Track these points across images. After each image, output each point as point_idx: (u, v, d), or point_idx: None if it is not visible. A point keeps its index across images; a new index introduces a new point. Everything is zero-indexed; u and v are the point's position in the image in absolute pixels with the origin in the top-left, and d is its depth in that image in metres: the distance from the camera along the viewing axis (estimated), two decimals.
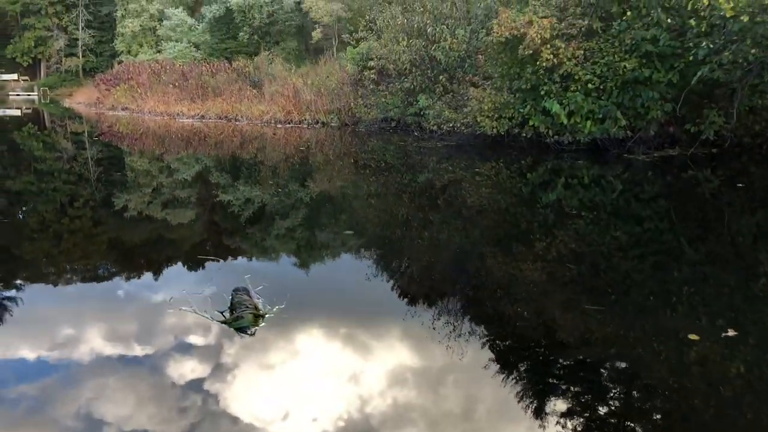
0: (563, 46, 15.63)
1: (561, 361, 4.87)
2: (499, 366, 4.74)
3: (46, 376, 4.63)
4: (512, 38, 16.06)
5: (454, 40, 19.56)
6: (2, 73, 62.67)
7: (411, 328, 5.57)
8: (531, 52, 15.66)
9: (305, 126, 25.84)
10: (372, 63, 22.73)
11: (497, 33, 16.24)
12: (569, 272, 7.01)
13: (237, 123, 27.73)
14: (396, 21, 22.44)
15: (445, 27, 20.36)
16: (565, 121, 15.92)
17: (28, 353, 5.03)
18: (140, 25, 55.47)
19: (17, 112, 42.94)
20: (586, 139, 16.15)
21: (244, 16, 50.04)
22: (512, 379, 4.53)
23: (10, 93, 59.97)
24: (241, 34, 50.14)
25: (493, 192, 13.08)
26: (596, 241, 8.71)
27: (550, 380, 4.57)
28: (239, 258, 8.39)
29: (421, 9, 21.90)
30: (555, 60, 15.64)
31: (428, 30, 20.73)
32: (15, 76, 63.34)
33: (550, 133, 16.45)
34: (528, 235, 9.15)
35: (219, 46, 50.33)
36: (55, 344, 5.19)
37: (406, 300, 6.44)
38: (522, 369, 4.75)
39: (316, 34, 48.06)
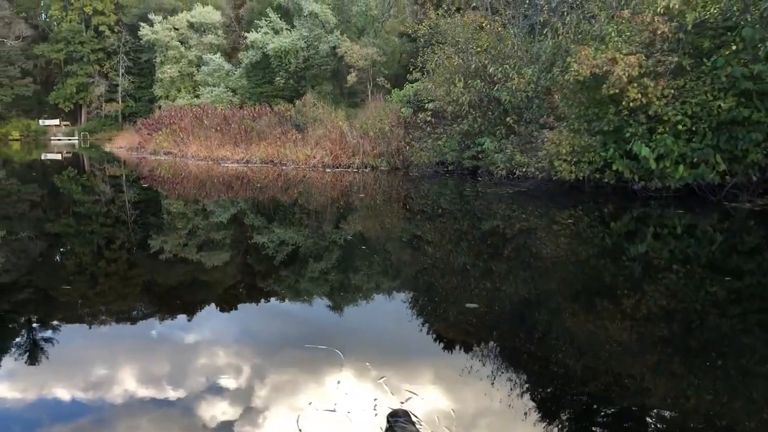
0: (652, 84, 13.95)
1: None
2: None
3: (80, 417, 4.51)
4: (593, 77, 14.43)
5: (521, 80, 17.94)
6: (45, 118, 62.45)
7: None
8: (616, 91, 14.00)
9: (354, 170, 24.28)
10: (429, 105, 21.17)
11: (576, 71, 14.62)
12: (660, 331, 6.20)
13: (282, 167, 26.24)
14: (451, 62, 20.93)
15: (507, 66, 18.78)
16: (654, 166, 14.15)
17: (63, 394, 4.93)
18: (179, 71, 54.98)
19: (58, 156, 42.18)
20: (676, 185, 14.35)
21: (281, 61, 49.24)
22: None
23: (52, 138, 59.59)
24: (277, 78, 49.25)
25: (572, 242, 11.31)
26: (691, 297, 7.61)
27: None
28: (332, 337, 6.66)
29: (478, 49, 20.39)
30: (643, 100, 13.96)
31: (489, 70, 19.16)
32: (57, 122, 63.12)
33: (636, 178, 14.67)
34: (612, 290, 7.94)
35: (255, 90, 49.48)
36: (89, 385, 5.06)
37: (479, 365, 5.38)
38: None
39: (351, 78, 47.13)
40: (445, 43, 22.08)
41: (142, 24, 56.22)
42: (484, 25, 21.08)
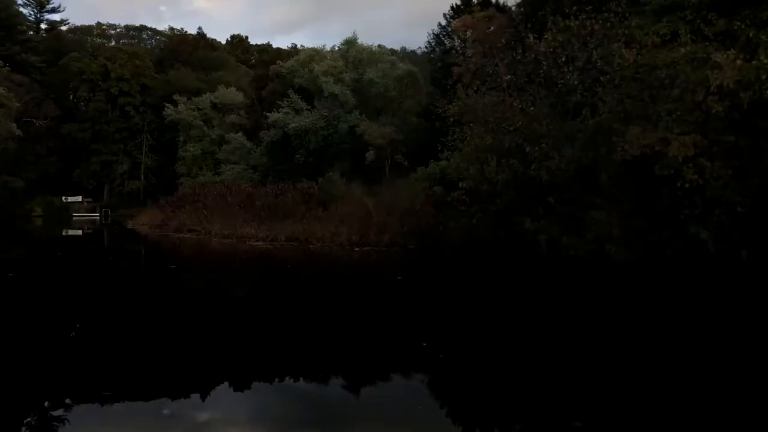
0: (708, 165, 13.11)
1: None
2: None
3: None
4: (644, 157, 13.62)
5: (562, 159, 17.16)
6: (68, 195, 62.35)
7: None
8: (671, 171, 13.15)
9: (383, 248, 23.28)
10: (463, 184, 20.36)
11: (624, 151, 13.83)
12: None
13: (309, 245, 25.31)
14: (483, 140, 20.29)
15: (544, 145, 18.07)
16: (713, 249, 13.14)
17: None
18: (201, 149, 55.07)
19: (79, 232, 41.66)
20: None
21: (301, 140, 49.27)
22: None
23: (74, 214, 59.28)
24: (297, 156, 49.15)
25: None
26: None
27: None
28: None
29: (512, 128, 19.77)
30: (699, 180, 13.09)
31: (526, 149, 18.43)
32: (80, 198, 62.97)
33: (693, 259, 13.65)
34: None
35: (276, 167, 49.31)
36: None
37: None
38: None
39: (370, 156, 46.98)
40: (475, 122, 21.54)
41: (166, 104, 56.80)
42: (514, 104, 20.57)
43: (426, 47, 48.68)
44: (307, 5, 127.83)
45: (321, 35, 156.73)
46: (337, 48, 53.82)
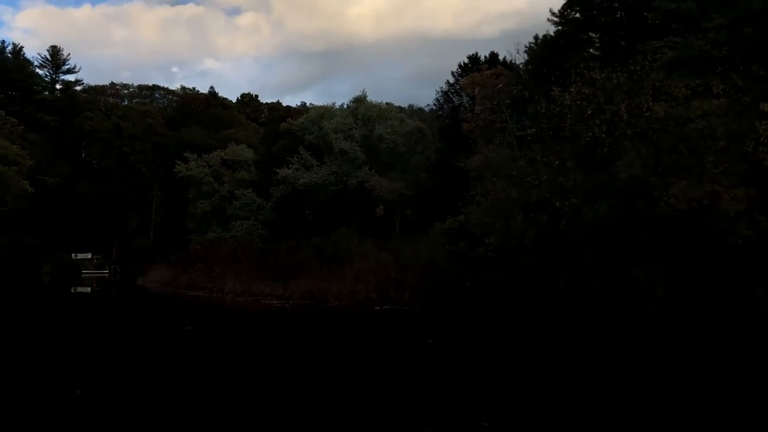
0: (763, 219, 12.11)
1: None
2: None
3: None
4: (690, 212, 12.63)
5: (594, 214, 16.15)
6: (78, 252, 61.34)
7: None
8: (724, 227, 12.14)
9: (404, 307, 22.00)
10: (489, 240, 19.29)
11: (670, 206, 12.85)
12: None
13: (326, 304, 24.10)
14: (509, 195, 19.36)
15: (574, 200, 17.11)
16: None
17: None
18: (211, 206, 54.30)
19: (87, 289, 40.51)
20: None
21: (311, 195, 48.61)
22: None
23: (84, 271, 58.14)
24: (307, 212, 48.38)
25: None
26: None
27: None
28: None
29: (536, 182, 18.87)
30: (754, 236, 12.06)
31: (555, 204, 17.47)
32: (89, 255, 61.93)
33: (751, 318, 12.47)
34: None
35: (286, 223, 48.43)
36: None
37: None
38: None
39: (380, 211, 46.23)
40: (497, 175, 20.68)
41: (177, 162, 56.37)
42: (538, 158, 19.77)
43: (434, 104, 48.44)
44: (316, 65, 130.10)
45: (329, 93, 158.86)
46: (346, 105, 53.75)
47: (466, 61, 45.26)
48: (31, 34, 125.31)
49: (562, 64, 36.09)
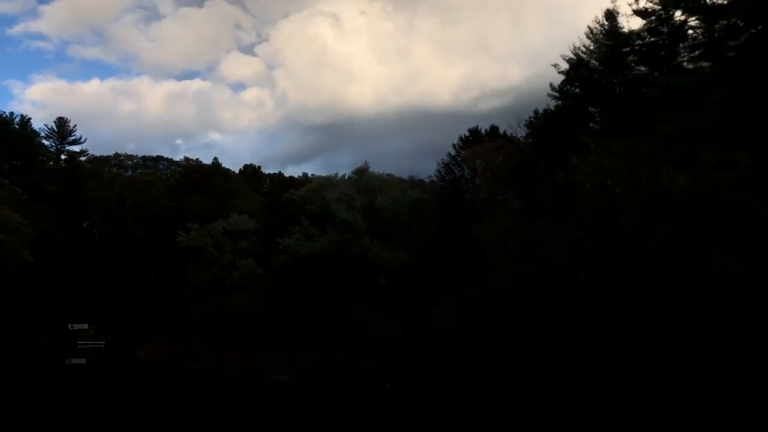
0: None
1: None
2: None
3: None
4: (734, 281, 11.77)
5: (624, 285, 15.27)
6: (75, 322, 59.35)
7: None
8: None
9: (419, 380, 20.62)
10: (513, 312, 18.29)
11: (710, 275, 11.98)
12: None
13: (336, 379, 22.69)
14: (529, 265, 18.47)
15: (599, 271, 16.22)
16: None
17: None
18: (211, 275, 53.08)
19: (83, 360, 38.86)
20: None
21: (313, 265, 47.65)
22: None
23: (80, 342, 56.08)
24: (308, 282, 47.28)
25: None
26: None
27: None
28: None
29: (558, 253, 18.04)
30: None
31: (581, 276, 16.58)
32: (85, 326, 59.88)
33: None
34: None
35: (287, 293, 47.17)
36: None
37: None
38: None
39: (381, 280, 45.28)
40: (515, 245, 19.86)
41: (179, 231, 55.51)
42: (553, 227, 19.02)
43: (435, 175, 48.25)
44: (318, 137, 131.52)
45: (330, 165, 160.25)
46: (348, 176, 53.51)
47: (467, 134, 45.46)
48: (40, 107, 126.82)
49: (564, 137, 36.29)
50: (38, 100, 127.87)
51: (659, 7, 31.58)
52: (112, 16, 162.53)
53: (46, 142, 69.75)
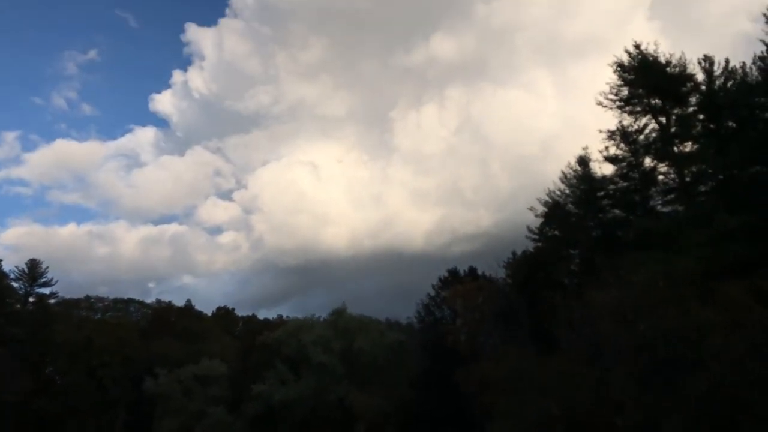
0: None
1: None
2: None
3: None
4: None
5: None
6: None
7: None
8: None
9: None
10: None
11: None
12: None
13: None
14: (550, 411, 16.12)
15: (637, 417, 13.99)
16: None
17: None
18: (179, 424, 47.92)
19: None
20: None
21: (287, 412, 43.65)
22: None
23: None
24: (281, 428, 43.07)
25: None
26: None
27: None
28: None
29: (579, 396, 15.81)
30: None
31: (617, 422, 14.27)
32: None
33: None
34: None
35: None
36: None
37: None
38: None
39: (359, 429, 41.49)
40: (530, 387, 17.56)
41: (147, 377, 50.86)
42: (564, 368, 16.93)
43: (415, 316, 46.08)
44: (292, 280, 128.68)
45: (304, 307, 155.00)
46: (324, 318, 50.74)
47: (446, 274, 44.12)
48: (13, 250, 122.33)
49: (544, 277, 35.19)
50: (12, 244, 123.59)
51: (629, 154, 32.15)
52: (94, 164, 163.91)
53: (14, 284, 65.63)
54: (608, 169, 33.12)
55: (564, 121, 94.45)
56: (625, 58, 29.99)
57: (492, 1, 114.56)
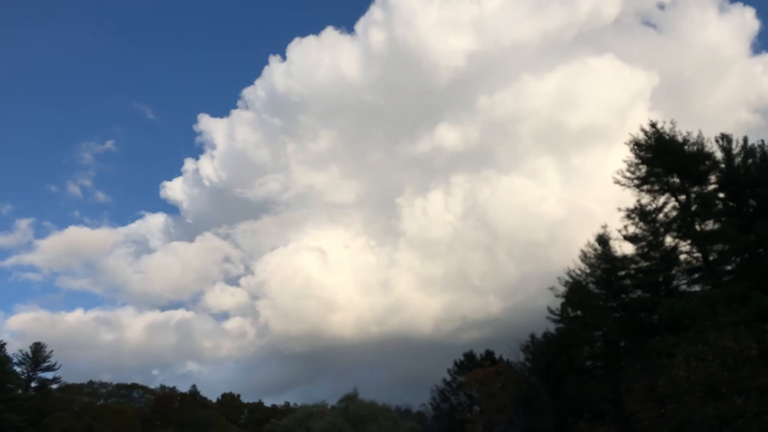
0: None
1: None
2: None
3: None
4: None
5: None
6: None
7: None
8: None
9: None
10: None
11: None
12: None
13: None
14: None
15: None
16: None
17: None
18: None
19: None
20: None
21: None
22: None
23: None
24: None
25: None
26: None
27: None
28: None
29: None
30: None
31: None
32: None
33: None
34: None
35: None
36: None
37: None
38: None
39: None
40: None
41: None
42: None
43: (430, 403, 43.14)
44: (298, 367, 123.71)
45: (310, 394, 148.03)
46: (334, 405, 47.50)
47: (462, 358, 41.71)
48: (19, 336, 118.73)
49: (567, 361, 32.97)
50: (18, 330, 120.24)
51: (649, 234, 30.85)
52: (104, 250, 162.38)
53: (17, 368, 62.66)
54: (628, 248, 31.74)
55: (569, 208, 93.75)
56: (642, 137, 29.30)
57: (494, 93, 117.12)
